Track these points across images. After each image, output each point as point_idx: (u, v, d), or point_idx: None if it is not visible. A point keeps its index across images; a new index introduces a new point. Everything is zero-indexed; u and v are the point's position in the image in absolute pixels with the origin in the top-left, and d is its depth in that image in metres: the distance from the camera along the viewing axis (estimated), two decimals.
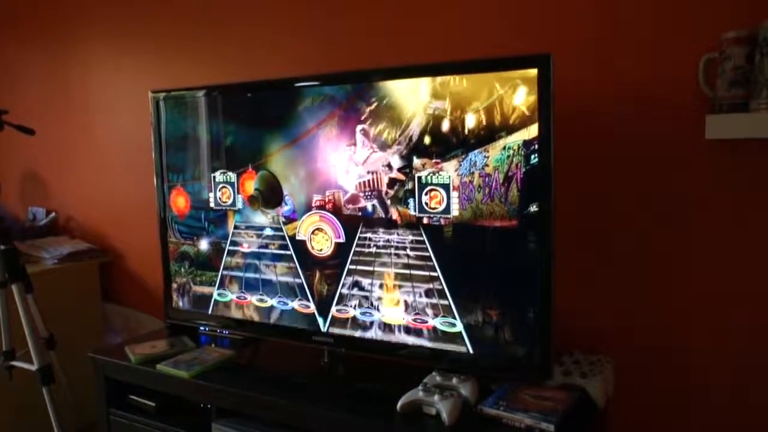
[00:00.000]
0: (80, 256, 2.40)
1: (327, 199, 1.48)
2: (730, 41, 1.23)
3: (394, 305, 1.42)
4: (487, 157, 1.27)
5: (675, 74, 1.36)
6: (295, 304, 1.58)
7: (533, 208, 1.24)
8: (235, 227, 1.65)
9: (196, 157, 1.71)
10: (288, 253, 1.57)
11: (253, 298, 1.65)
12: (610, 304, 1.50)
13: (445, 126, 1.31)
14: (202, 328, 1.83)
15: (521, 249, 1.26)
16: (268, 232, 1.59)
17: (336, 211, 1.47)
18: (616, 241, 1.47)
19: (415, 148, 1.35)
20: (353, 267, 1.47)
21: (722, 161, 1.34)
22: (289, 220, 1.55)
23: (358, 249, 1.45)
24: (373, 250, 1.43)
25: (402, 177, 1.37)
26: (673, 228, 1.41)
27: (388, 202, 1.40)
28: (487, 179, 1.28)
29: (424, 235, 1.36)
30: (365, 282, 1.45)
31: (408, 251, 1.39)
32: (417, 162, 1.35)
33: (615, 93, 1.43)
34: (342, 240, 1.48)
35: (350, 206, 1.45)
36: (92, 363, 1.73)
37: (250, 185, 1.60)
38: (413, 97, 1.34)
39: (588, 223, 1.49)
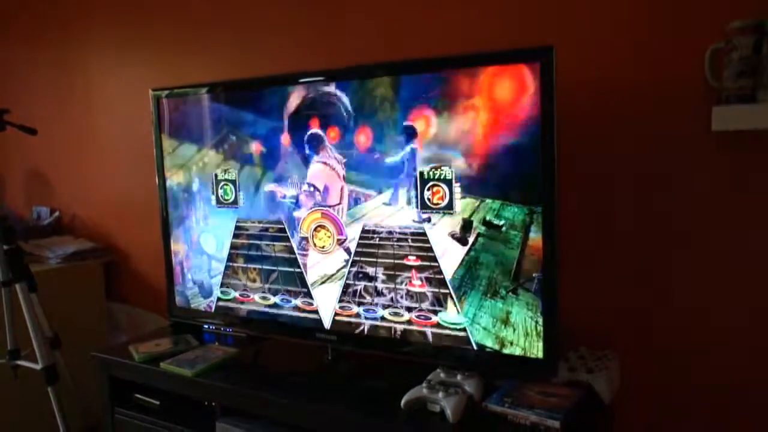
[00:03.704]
0: (84, 255, 2.41)
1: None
2: (736, 31, 1.21)
3: (397, 302, 1.41)
4: (488, 155, 1.26)
5: (681, 65, 1.34)
6: (298, 301, 1.57)
7: (537, 205, 1.22)
8: (237, 226, 1.65)
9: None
10: (292, 254, 1.56)
11: (255, 296, 1.64)
12: (615, 300, 1.48)
13: (447, 123, 1.30)
14: (205, 326, 1.83)
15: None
16: (271, 229, 1.59)
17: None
18: (621, 235, 1.46)
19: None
20: (355, 264, 1.46)
21: (729, 153, 1.32)
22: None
23: (360, 246, 1.44)
24: (376, 246, 1.42)
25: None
26: (678, 222, 1.39)
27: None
28: (488, 177, 1.27)
29: (426, 231, 1.35)
30: (368, 278, 1.44)
31: (411, 248, 1.38)
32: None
33: (620, 85, 1.41)
34: (344, 237, 1.47)
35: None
36: (96, 362, 1.73)
37: None
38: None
39: (593, 216, 1.48)
